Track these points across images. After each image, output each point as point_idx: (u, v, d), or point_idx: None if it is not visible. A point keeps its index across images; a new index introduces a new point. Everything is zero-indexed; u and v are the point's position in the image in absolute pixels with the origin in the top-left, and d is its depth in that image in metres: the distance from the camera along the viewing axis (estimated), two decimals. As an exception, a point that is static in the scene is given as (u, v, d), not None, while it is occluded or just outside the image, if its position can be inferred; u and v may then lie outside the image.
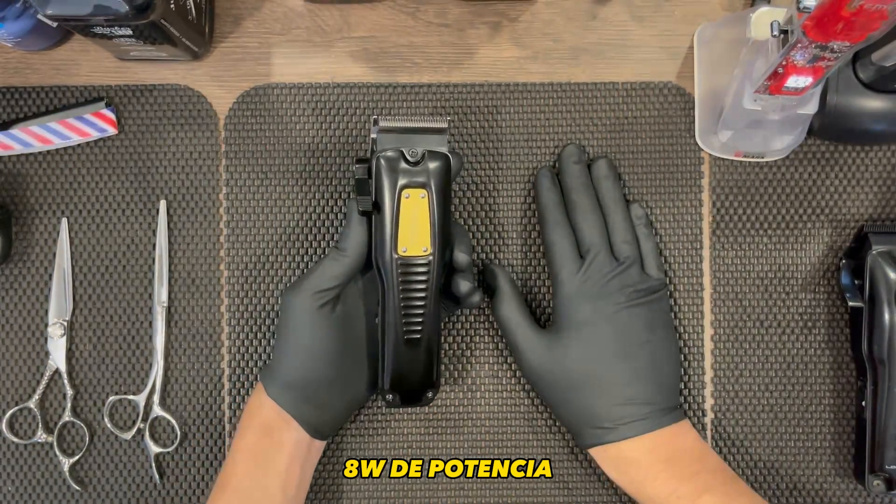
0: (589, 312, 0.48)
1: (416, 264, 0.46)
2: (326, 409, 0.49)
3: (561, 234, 0.50)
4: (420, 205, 0.45)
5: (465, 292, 0.48)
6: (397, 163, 0.45)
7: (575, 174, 0.51)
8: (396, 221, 0.45)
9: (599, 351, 0.48)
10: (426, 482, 0.54)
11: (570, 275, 0.49)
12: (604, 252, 0.49)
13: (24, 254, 0.54)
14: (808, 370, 0.54)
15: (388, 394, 0.48)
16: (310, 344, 0.47)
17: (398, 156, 0.45)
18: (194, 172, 0.54)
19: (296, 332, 0.48)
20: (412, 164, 0.45)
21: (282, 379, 0.48)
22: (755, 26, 0.46)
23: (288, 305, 0.48)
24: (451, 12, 0.54)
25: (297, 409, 0.48)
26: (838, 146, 0.54)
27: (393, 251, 0.45)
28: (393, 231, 0.45)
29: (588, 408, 0.48)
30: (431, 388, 0.49)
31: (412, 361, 0.48)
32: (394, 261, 0.46)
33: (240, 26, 0.54)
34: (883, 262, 0.50)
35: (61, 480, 0.53)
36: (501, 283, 0.51)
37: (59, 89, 0.54)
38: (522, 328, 0.50)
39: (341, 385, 0.49)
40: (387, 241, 0.45)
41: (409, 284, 0.46)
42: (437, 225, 0.46)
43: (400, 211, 0.45)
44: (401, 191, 0.45)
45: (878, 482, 0.51)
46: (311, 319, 0.47)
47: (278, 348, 0.49)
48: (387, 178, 0.45)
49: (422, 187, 0.45)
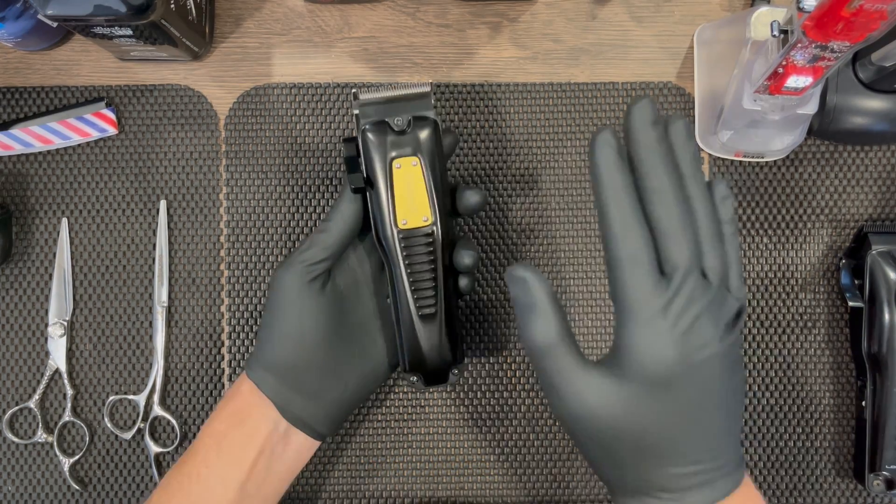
0: (674, 359, 0.35)
1: (419, 235, 0.44)
2: (318, 401, 0.45)
3: (636, 238, 0.36)
4: (413, 173, 0.44)
5: (470, 263, 0.45)
6: (384, 134, 0.44)
7: (653, 145, 0.36)
8: (392, 194, 0.44)
9: (681, 410, 0.36)
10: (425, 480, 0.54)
11: (648, 300, 0.35)
12: (697, 272, 0.36)
13: (24, 253, 0.54)
14: (808, 370, 0.54)
15: (410, 376, 0.46)
16: (297, 323, 0.44)
17: (384, 127, 0.44)
18: (194, 172, 0.54)
19: (282, 309, 0.44)
20: (399, 133, 0.44)
21: (265, 361, 0.44)
22: (755, 26, 0.46)
23: (275, 281, 0.45)
24: (451, 13, 0.55)
25: (280, 397, 0.43)
26: (838, 146, 0.54)
27: (393, 225, 0.44)
28: (390, 205, 0.44)
29: (646, 473, 0.37)
30: (455, 365, 0.47)
31: (430, 338, 0.46)
32: (395, 235, 0.44)
33: (240, 26, 0.54)
34: (883, 262, 0.50)
35: (61, 480, 0.53)
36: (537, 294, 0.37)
37: (59, 89, 0.54)
38: (569, 363, 0.37)
39: (335, 373, 0.45)
40: (385, 216, 0.44)
41: (414, 258, 0.45)
42: (434, 191, 0.44)
43: (393, 183, 0.44)
44: (391, 162, 0.44)
45: (878, 482, 0.51)
46: (298, 296, 0.44)
47: (263, 328, 0.45)
48: (375, 152, 0.44)
49: (412, 155, 0.44)
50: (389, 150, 0.44)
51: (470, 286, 0.47)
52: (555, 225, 0.54)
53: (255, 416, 0.44)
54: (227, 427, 0.44)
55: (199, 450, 0.44)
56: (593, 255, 0.54)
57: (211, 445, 0.43)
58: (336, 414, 0.46)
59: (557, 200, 0.54)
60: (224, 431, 0.44)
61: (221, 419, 0.44)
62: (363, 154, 0.44)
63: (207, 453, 0.43)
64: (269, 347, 0.44)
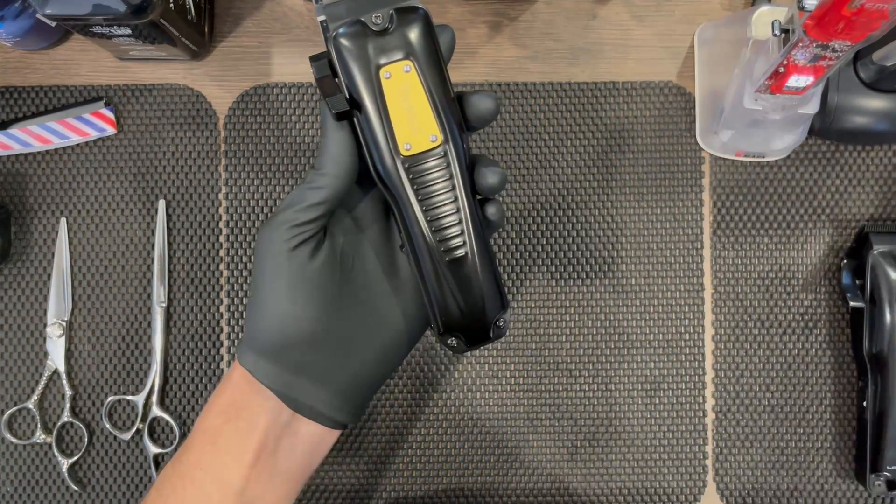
0: None
1: (429, 160, 0.35)
2: (329, 384, 0.37)
3: None
4: (408, 81, 0.35)
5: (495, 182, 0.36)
6: (362, 38, 0.34)
7: None
8: (386, 113, 0.35)
9: None
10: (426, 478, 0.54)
11: None
12: None
13: (23, 254, 0.54)
14: (809, 370, 0.54)
15: (448, 338, 0.38)
16: (288, 296, 0.36)
17: (360, 28, 0.34)
18: (194, 172, 0.54)
19: (269, 280, 0.36)
20: (381, 34, 0.34)
21: (256, 344, 0.37)
22: (756, 26, 0.46)
23: (258, 245, 0.37)
24: (451, 12, 0.54)
25: (278, 383, 0.37)
26: (839, 146, 0.54)
27: (395, 153, 0.35)
28: (386, 127, 0.35)
29: None
30: (501, 311, 0.38)
31: (465, 287, 0.37)
32: (399, 165, 0.35)
33: (239, 26, 0.54)
34: (884, 262, 0.50)
35: (60, 481, 0.53)
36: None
37: (58, 89, 0.54)
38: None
39: (346, 348, 0.38)
40: (381, 143, 0.35)
41: (428, 190, 0.35)
42: (438, 101, 0.35)
43: (386, 98, 0.34)
44: (377, 71, 0.34)
45: (879, 482, 0.51)
46: (288, 263, 0.36)
47: (250, 304, 0.37)
48: (354, 63, 0.34)
49: (404, 59, 0.34)
50: (373, 57, 0.34)
51: (499, 215, 0.38)
52: (554, 224, 0.54)
53: (253, 407, 0.37)
54: (221, 422, 0.38)
55: (194, 448, 0.38)
56: (594, 255, 0.54)
57: (206, 443, 0.38)
58: (355, 396, 0.38)
59: (558, 200, 0.54)
60: (219, 427, 0.38)
61: (215, 413, 0.38)
62: (340, 68, 0.35)
63: (202, 453, 0.38)
64: (260, 327, 0.37)
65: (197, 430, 0.39)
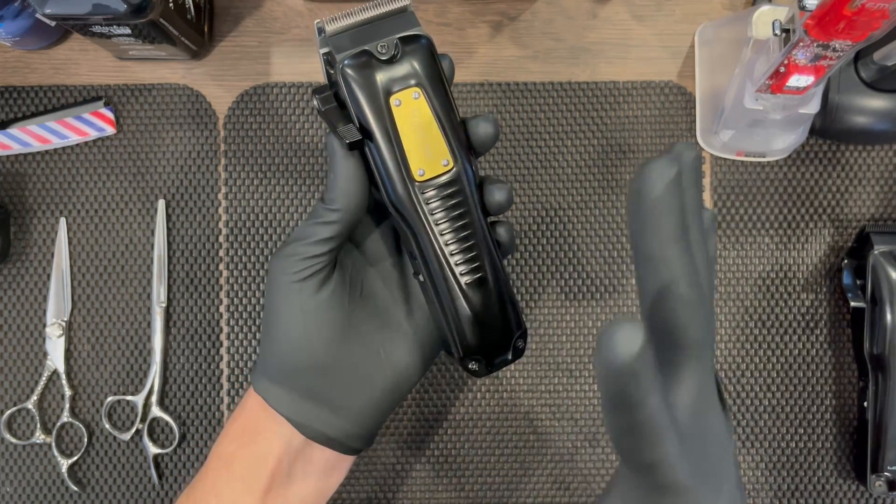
0: None
1: (443, 185, 0.36)
2: (343, 411, 0.38)
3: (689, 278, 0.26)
4: (418, 108, 0.35)
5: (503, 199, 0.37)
6: (369, 67, 0.35)
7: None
8: (398, 140, 0.35)
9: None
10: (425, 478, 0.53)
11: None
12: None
13: (22, 253, 0.54)
14: (809, 370, 0.54)
15: (469, 362, 0.38)
16: (300, 325, 0.37)
17: (367, 58, 0.35)
18: (193, 172, 0.54)
19: (279, 309, 0.37)
20: (387, 62, 0.35)
21: (269, 370, 0.38)
22: (756, 25, 0.46)
23: (271, 275, 0.38)
24: (451, 11, 0.54)
25: (292, 410, 0.38)
26: (840, 146, 0.54)
27: (409, 180, 0.35)
28: (399, 155, 0.35)
29: None
30: (519, 332, 0.39)
31: (486, 309, 0.37)
32: (414, 192, 0.35)
33: (239, 25, 0.54)
34: (885, 262, 0.50)
35: (59, 481, 0.53)
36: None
37: (57, 89, 0.54)
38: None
39: (359, 375, 0.38)
40: (393, 170, 0.35)
41: (443, 214, 0.36)
42: (447, 125, 0.36)
43: (397, 125, 0.35)
44: (387, 99, 0.35)
45: (879, 483, 0.51)
46: (298, 294, 0.37)
47: (263, 331, 0.39)
48: (364, 92, 0.35)
49: (413, 86, 0.35)
50: (382, 86, 0.35)
51: (510, 237, 0.38)
52: (555, 224, 0.54)
53: (266, 433, 0.38)
54: (236, 447, 0.39)
55: (209, 474, 0.39)
56: (594, 254, 0.54)
57: (220, 469, 0.38)
58: (367, 421, 0.39)
59: (558, 200, 0.54)
60: (233, 453, 0.39)
61: (230, 439, 0.39)
62: (349, 98, 0.35)
63: (217, 479, 0.38)
64: (272, 354, 0.38)
65: (212, 456, 0.39)
